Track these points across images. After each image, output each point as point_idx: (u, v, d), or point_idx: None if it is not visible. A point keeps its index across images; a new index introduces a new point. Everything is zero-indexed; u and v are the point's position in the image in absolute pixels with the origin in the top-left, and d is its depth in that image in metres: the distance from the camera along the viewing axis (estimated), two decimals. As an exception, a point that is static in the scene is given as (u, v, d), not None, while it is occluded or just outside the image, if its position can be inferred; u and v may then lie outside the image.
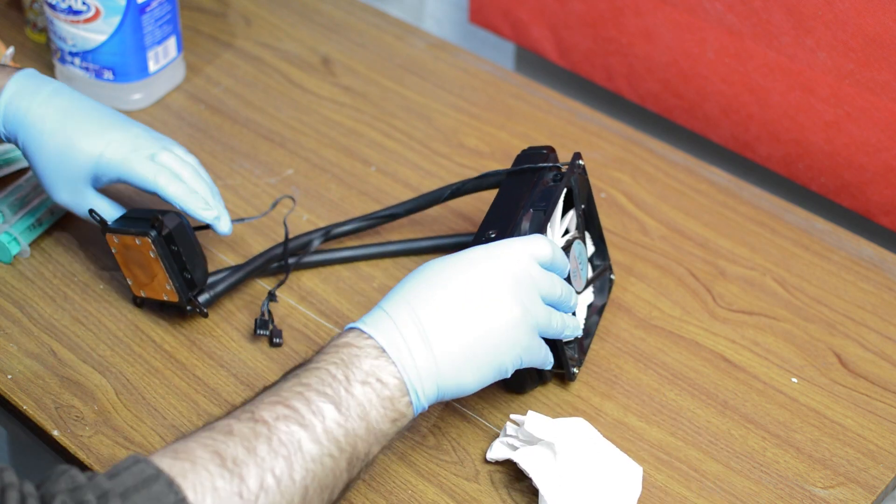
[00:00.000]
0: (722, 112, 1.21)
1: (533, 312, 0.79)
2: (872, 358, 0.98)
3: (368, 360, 0.74)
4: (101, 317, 0.99)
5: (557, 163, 0.94)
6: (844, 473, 0.89)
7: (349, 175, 1.15)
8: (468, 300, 0.77)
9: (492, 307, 0.77)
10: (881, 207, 1.13)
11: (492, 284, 0.78)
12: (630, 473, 0.85)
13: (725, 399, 0.94)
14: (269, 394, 0.72)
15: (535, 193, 0.90)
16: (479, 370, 0.77)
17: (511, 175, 0.94)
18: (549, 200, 0.89)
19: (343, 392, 0.72)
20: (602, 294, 0.99)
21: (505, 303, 0.78)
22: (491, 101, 1.25)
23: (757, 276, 1.05)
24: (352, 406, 0.72)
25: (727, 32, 1.16)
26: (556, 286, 0.82)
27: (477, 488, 0.87)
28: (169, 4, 1.18)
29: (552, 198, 0.89)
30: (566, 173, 0.91)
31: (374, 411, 0.73)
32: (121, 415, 0.91)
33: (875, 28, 1.05)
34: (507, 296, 0.78)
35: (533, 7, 1.31)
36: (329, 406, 0.71)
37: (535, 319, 0.79)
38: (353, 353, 0.74)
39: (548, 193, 0.89)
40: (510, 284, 0.78)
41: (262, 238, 1.07)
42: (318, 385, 0.72)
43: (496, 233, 0.86)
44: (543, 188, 0.90)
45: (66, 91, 0.95)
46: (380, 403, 0.73)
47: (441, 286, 0.77)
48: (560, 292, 0.82)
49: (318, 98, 1.24)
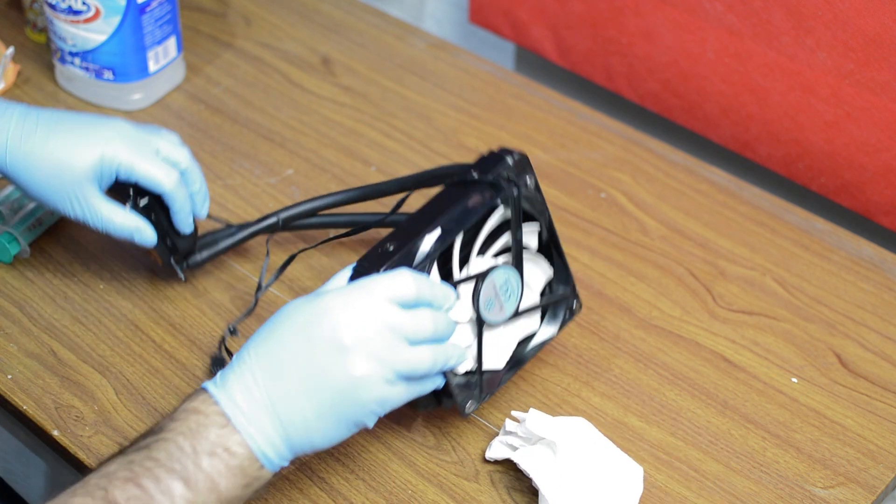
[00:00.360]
0: (722, 112, 1.21)
1: (390, 362, 0.75)
2: (872, 358, 0.98)
3: (215, 429, 0.73)
4: (101, 317, 0.99)
5: (527, 172, 0.86)
6: (844, 473, 0.89)
7: (349, 175, 1.15)
8: (313, 359, 0.74)
9: (338, 366, 0.74)
10: (881, 207, 1.13)
11: (339, 341, 0.74)
12: (631, 473, 0.85)
13: (725, 399, 0.94)
14: (124, 466, 0.72)
15: (455, 210, 0.83)
16: (334, 429, 0.75)
17: (455, 184, 0.86)
18: (461, 223, 0.82)
19: (191, 466, 0.72)
20: (552, 323, 0.91)
21: (352, 361, 0.74)
22: (491, 101, 1.25)
23: (757, 276, 1.05)
24: (200, 480, 0.72)
25: (727, 32, 1.16)
26: (425, 324, 0.77)
27: (477, 488, 0.87)
28: (169, 4, 1.18)
29: (465, 221, 0.82)
30: (500, 193, 0.84)
31: (223, 481, 0.72)
32: (121, 415, 0.91)
33: (875, 28, 1.05)
34: (356, 353, 0.74)
35: (533, 7, 1.31)
36: (178, 483, 0.71)
37: (394, 368, 0.75)
38: (201, 422, 0.73)
39: (466, 214, 0.83)
40: (361, 339, 0.74)
41: (261, 237, 1.07)
42: (167, 461, 0.72)
43: (394, 247, 0.80)
44: (467, 207, 0.83)
45: (33, 111, 0.91)
46: (229, 473, 0.73)
47: (289, 344, 0.75)
48: (431, 329, 0.77)
49: (318, 98, 1.24)
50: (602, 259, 1.06)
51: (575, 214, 1.11)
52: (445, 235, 0.81)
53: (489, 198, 0.84)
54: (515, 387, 0.94)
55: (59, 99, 1.22)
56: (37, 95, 1.22)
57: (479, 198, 0.83)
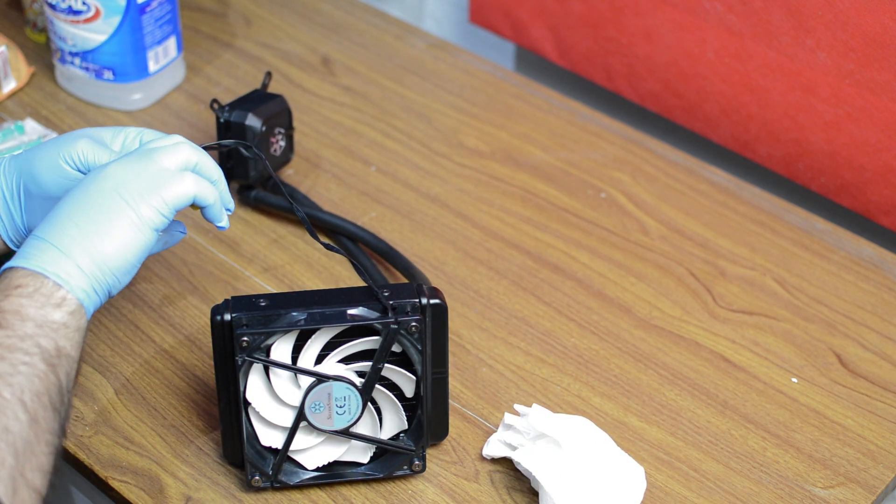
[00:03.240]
0: (722, 112, 1.21)
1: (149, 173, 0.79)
2: (872, 358, 0.98)
3: (9, 280, 0.75)
4: (101, 317, 0.99)
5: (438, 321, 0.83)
6: (844, 473, 0.89)
7: (349, 175, 1.15)
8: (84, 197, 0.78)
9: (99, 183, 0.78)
10: (881, 207, 1.13)
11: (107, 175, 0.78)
12: (633, 473, 0.85)
13: (725, 399, 0.94)
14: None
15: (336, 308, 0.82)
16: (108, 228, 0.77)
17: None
18: (329, 321, 0.81)
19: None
20: (381, 468, 0.86)
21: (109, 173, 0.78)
22: (491, 101, 1.25)
23: (757, 276, 1.05)
24: (9, 317, 0.72)
25: (727, 32, 1.16)
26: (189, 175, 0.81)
27: (477, 488, 0.87)
28: (169, 4, 1.18)
29: (334, 321, 0.81)
30: (379, 318, 0.81)
31: (30, 309, 0.73)
32: (121, 415, 0.91)
33: (875, 28, 1.05)
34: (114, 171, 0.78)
35: (533, 7, 1.31)
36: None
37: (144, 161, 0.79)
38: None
39: (340, 317, 0.81)
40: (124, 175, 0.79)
41: (262, 238, 1.07)
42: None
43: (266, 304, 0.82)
44: (345, 312, 0.82)
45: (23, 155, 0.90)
46: (30, 302, 0.74)
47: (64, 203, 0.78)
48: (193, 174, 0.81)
49: (318, 98, 1.24)
50: (602, 259, 1.06)
51: (575, 214, 1.11)
52: (309, 322, 0.81)
53: (371, 317, 0.82)
54: (515, 386, 0.94)
55: (59, 99, 1.22)
56: (37, 95, 1.22)
57: (363, 311, 0.82)
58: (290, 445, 0.84)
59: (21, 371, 0.70)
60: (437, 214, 1.10)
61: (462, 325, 0.99)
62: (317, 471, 0.86)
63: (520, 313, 1.01)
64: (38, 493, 0.69)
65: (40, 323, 0.73)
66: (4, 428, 0.68)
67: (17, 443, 0.68)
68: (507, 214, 1.10)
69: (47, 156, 0.84)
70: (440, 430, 0.88)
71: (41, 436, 0.70)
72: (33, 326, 0.73)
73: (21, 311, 0.73)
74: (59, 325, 0.74)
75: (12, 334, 0.72)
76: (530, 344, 0.98)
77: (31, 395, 0.70)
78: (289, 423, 0.83)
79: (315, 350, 0.82)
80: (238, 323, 0.80)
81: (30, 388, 0.70)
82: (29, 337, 0.72)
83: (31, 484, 0.68)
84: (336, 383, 0.82)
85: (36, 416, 0.70)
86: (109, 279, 0.77)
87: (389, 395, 0.84)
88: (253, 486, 0.85)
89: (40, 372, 0.71)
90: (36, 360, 0.72)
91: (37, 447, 0.69)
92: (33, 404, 0.70)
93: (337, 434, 0.84)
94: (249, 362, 0.81)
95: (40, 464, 0.70)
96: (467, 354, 0.97)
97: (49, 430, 0.71)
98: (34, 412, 0.70)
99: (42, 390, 0.71)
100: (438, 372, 0.85)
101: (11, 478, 0.67)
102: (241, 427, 0.83)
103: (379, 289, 0.83)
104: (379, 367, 0.82)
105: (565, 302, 1.02)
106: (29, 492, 0.68)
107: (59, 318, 0.74)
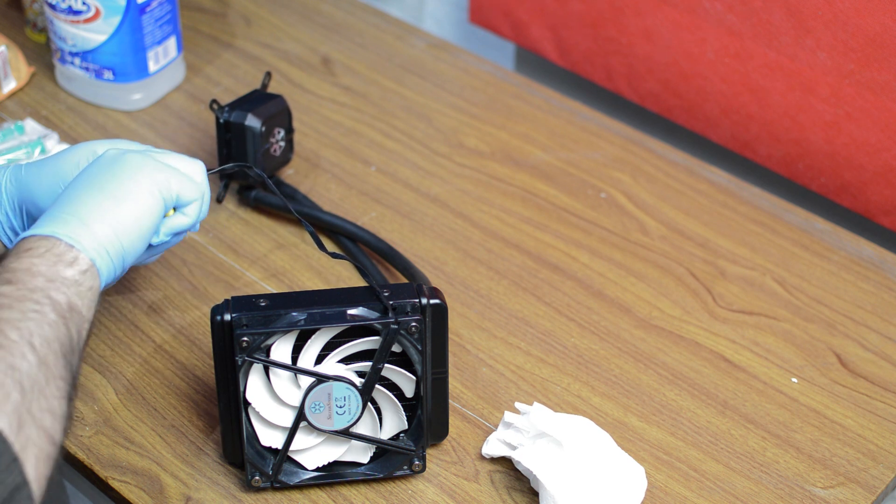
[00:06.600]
0: (722, 112, 1.21)
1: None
2: (872, 358, 0.98)
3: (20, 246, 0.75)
4: (101, 317, 0.99)
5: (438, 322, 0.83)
6: (844, 473, 0.89)
7: (349, 175, 1.15)
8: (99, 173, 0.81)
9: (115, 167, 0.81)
10: (881, 207, 1.13)
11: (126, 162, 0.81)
12: (633, 473, 0.85)
13: (725, 399, 0.94)
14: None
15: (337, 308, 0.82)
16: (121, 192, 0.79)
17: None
18: (329, 321, 0.81)
19: (6, 274, 0.72)
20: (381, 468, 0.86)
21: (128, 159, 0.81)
22: (491, 101, 1.25)
23: (757, 276, 1.05)
24: (19, 274, 0.72)
25: (727, 32, 1.16)
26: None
27: (477, 488, 0.87)
28: (169, 4, 1.18)
29: (334, 322, 0.81)
30: (380, 318, 0.81)
31: (42, 266, 0.73)
32: (121, 415, 0.91)
33: (875, 28, 1.05)
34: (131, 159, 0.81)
35: (533, 7, 1.31)
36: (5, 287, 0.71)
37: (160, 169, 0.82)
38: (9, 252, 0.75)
39: (340, 317, 0.81)
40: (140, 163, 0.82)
41: (261, 238, 1.07)
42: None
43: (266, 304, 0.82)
44: (345, 312, 0.82)
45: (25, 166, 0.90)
46: (41, 260, 0.73)
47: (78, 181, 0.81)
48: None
49: (318, 98, 1.24)
50: (602, 259, 1.06)
51: (575, 214, 1.11)
52: (309, 322, 0.81)
53: (371, 317, 0.82)
54: (515, 386, 0.94)
55: (59, 99, 1.22)
56: (37, 95, 1.22)
57: (363, 311, 0.82)
58: (290, 445, 0.84)
59: (31, 318, 0.69)
60: (437, 214, 1.10)
61: (462, 325, 0.99)
62: (317, 471, 0.86)
63: (520, 313, 1.01)
64: (48, 435, 0.66)
65: (51, 278, 0.72)
66: (10, 366, 0.65)
67: (24, 381, 0.66)
68: (507, 214, 1.11)
69: (44, 182, 0.85)
70: (440, 430, 0.88)
71: (51, 380, 0.68)
72: (44, 281, 0.72)
73: (32, 268, 0.72)
74: (71, 282, 0.73)
75: (22, 287, 0.71)
76: (530, 344, 0.98)
77: (41, 339, 0.68)
78: (289, 424, 0.83)
79: (315, 350, 0.82)
80: (238, 323, 0.80)
81: (39, 333, 0.69)
82: (39, 290, 0.71)
83: (39, 423, 0.66)
84: (336, 383, 0.82)
85: (45, 359, 0.68)
86: (124, 241, 0.78)
87: (389, 395, 0.84)
88: (253, 487, 0.85)
89: (51, 321, 0.70)
90: (47, 310, 0.70)
91: (46, 389, 0.67)
92: (43, 348, 0.68)
93: (337, 434, 0.84)
94: (249, 362, 0.81)
95: (50, 406, 0.67)
96: (467, 354, 0.97)
97: (60, 376, 0.69)
98: (44, 355, 0.68)
99: (52, 337, 0.69)
100: (438, 372, 0.85)
101: (17, 412, 0.64)
102: (241, 427, 0.83)
103: (379, 289, 0.83)
104: (379, 368, 0.82)
105: (565, 302, 1.02)
106: (37, 430, 0.65)
107: (71, 276, 0.74)
